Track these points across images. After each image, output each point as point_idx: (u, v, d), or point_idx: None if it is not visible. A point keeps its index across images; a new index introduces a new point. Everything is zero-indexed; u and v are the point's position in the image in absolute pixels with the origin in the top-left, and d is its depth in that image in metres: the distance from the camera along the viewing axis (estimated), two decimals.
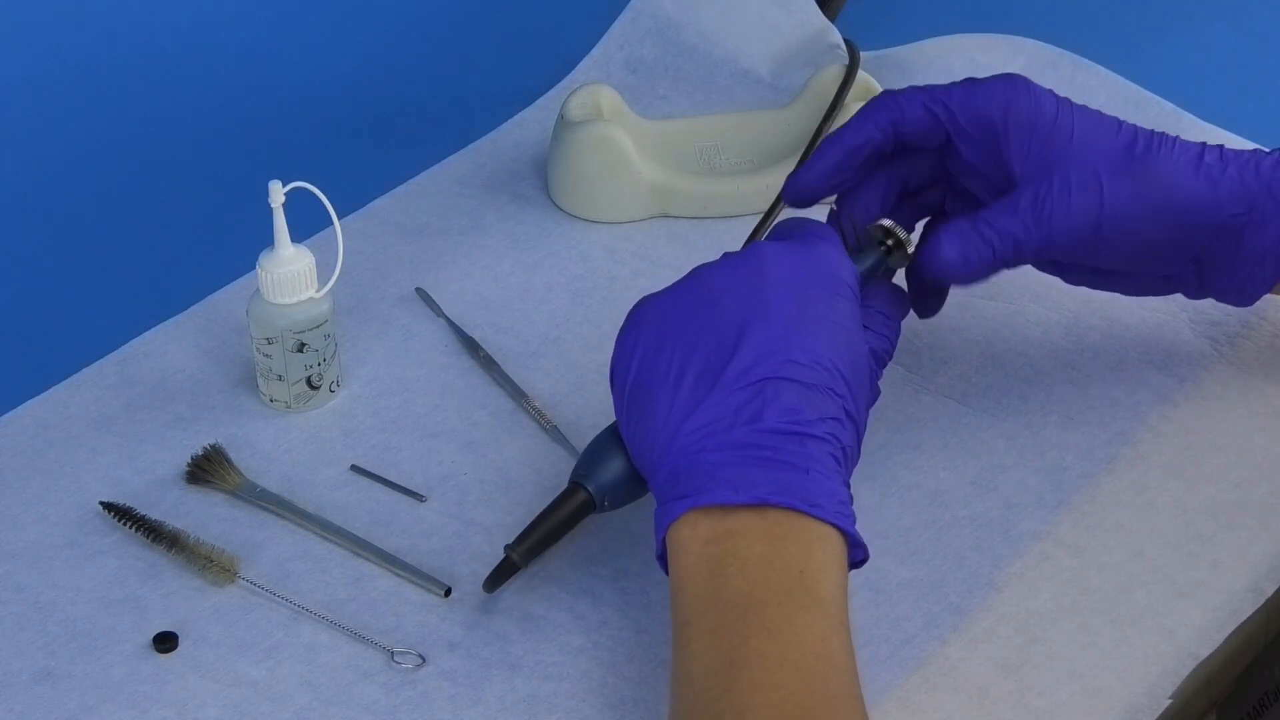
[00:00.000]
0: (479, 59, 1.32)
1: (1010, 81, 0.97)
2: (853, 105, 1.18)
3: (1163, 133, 0.97)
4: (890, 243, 0.95)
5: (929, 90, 0.97)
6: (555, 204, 1.20)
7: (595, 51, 1.31)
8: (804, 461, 0.84)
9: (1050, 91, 0.97)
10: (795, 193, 0.99)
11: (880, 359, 0.93)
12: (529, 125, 1.25)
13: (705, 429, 0.85)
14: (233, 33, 1.26)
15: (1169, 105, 1.24)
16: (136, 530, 0.96)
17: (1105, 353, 1.07)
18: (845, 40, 1.28)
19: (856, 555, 0.86)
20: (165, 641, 0.92)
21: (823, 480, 0.84)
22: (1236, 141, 1.16)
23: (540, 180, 1.22)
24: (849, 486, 0.86)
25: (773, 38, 1.31)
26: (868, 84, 1.20)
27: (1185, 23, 1.41)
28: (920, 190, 1.00)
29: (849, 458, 0.87)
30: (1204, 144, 0.97)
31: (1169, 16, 1.41)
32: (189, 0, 1.24)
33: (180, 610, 0.94)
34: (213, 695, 0.89)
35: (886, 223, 0.95)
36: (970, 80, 0.97)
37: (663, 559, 0.86)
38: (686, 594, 0.84)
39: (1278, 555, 0.96)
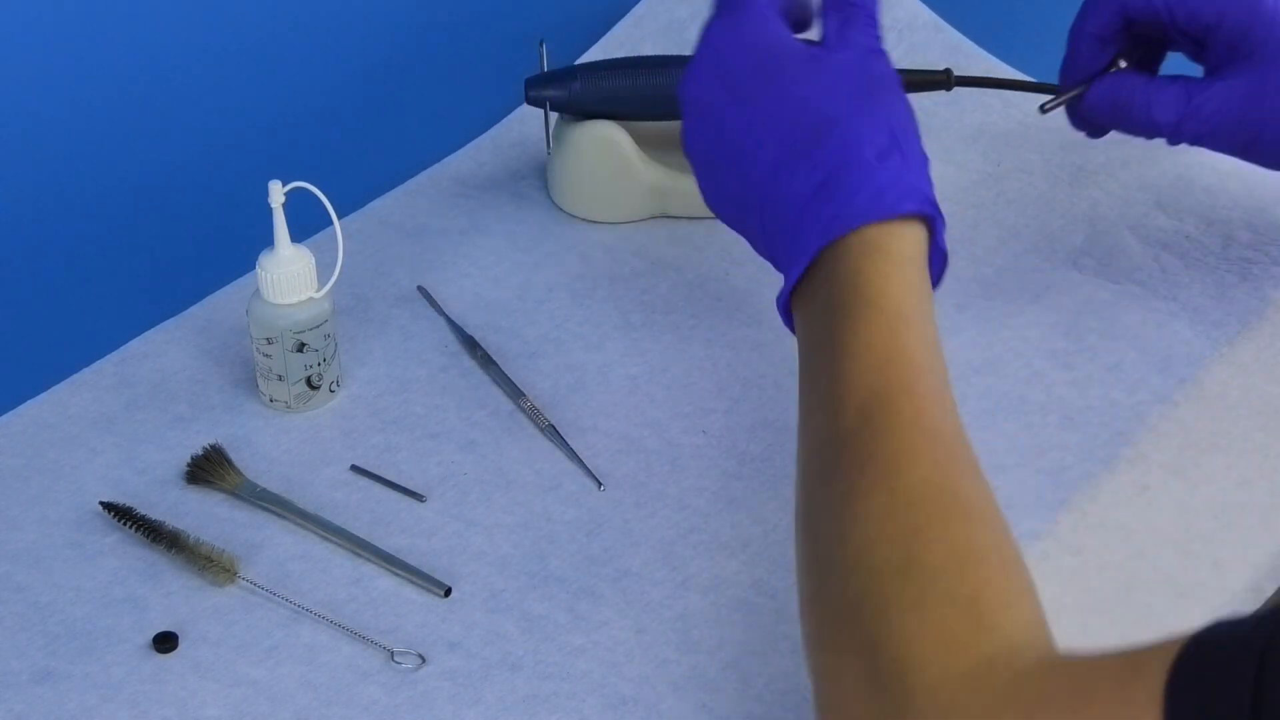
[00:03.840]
0: (479, 59, 1.32)
1: None
2: None
3: None
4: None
5: None
6: (555, 204, 1.20)
7: (596, 51, 1.31)
8: (834, 192, 0.88)
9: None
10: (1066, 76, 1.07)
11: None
12: (529, 125, 1.25)
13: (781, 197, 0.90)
14: (233, 33, 1.26)
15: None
16: (136, 530, 0.96)
17: (1105, 353, 1.07)
18: None
19: (935, 226, 0.89)
20: (165, 641, 0.92)
21: (855, 188, 0.88)
22: None
23: (540, 180, 1.22)
24: (903, 161, 0.89)
25: None
26: None
27: None
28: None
29: (887, 136, 0.90)
30: None
31: None
32: (189, 0, 1.24)
33: (180, 610, 0.94)
34: (213, 695, 0.90)
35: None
36: None
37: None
38: (799, 370, 0.88)
39: (1278, 555, 0.96)
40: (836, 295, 0.86)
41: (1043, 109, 1.09)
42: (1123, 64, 1.05)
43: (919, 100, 1.23)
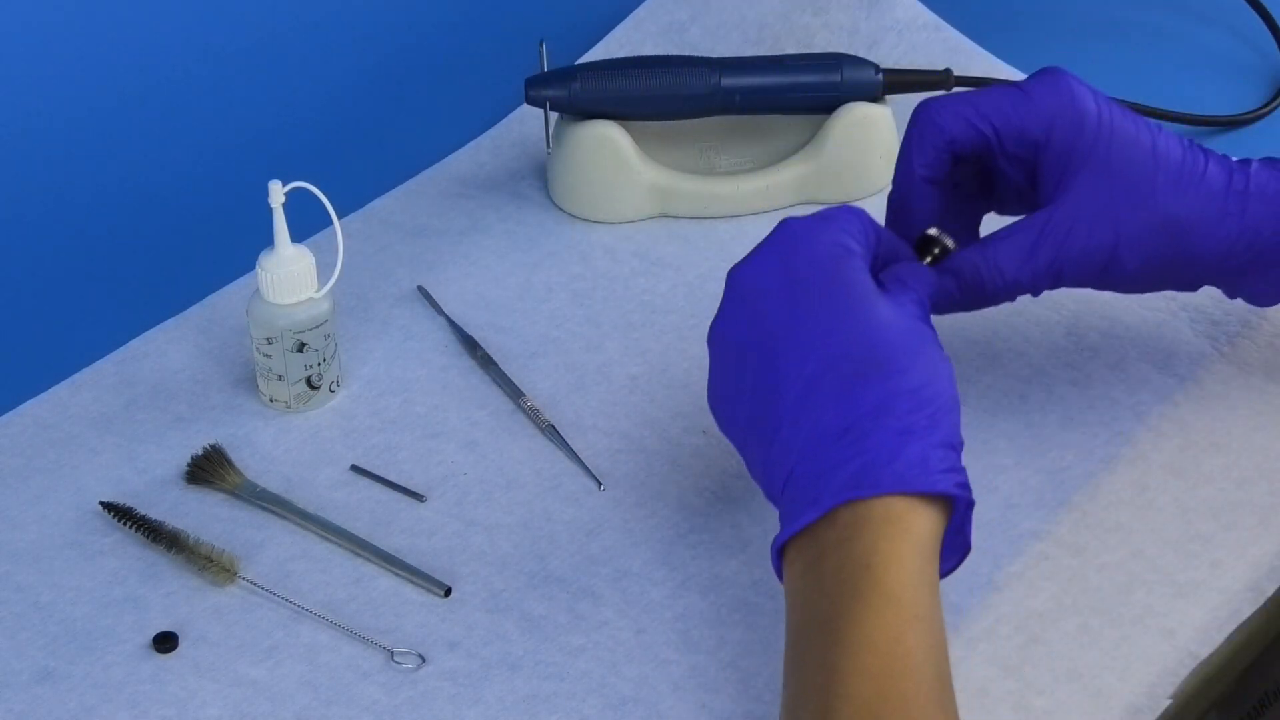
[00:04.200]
0: (479, 59, 1.32)
1: (1055, 90, 0.95)
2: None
3: (1197, 152, 0.96)
4: (936, 251, 0.94)
5: (975, 104, 0.95)
6: (555, 204, 1.20)
7: (596, 51, 1.31)
8: (864, 444, 0.82)
9: (1092, 95, 0.95)
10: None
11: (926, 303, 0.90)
12: (529, 125, 1.25)
13: (792, 448, 0.84)
14: (233, 33, 1.26)
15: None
16: (136, 530, 0.96)
17: (1105, 352, 1.07)
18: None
19: (958, 506, 0.83)
20: (165, 641, 0.92)
21: (889, 450, 0.81)
22: None
23: (540, 180, 1.22)
24: (943, 437, 0.82)
25: (775, 39, 1.31)
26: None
27: None
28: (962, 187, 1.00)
29: (932, 408, 0.83)
30: (1231, 171, 0.96)
31: None
32: (189, 0, 1.24)
33: (180, 610, 0.94)
34: (213, 695, 0.90)
35: (932, 232, 0.95)
36: (1015, 89, 0.96)
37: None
38: (787, 628, 0.82)
39: (1278, 555, 0.96)
40: (846, 570, 0.80)
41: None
42: (950, 244, 0.94)
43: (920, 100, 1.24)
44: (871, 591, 0.79)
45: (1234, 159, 0.98)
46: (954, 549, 0.84)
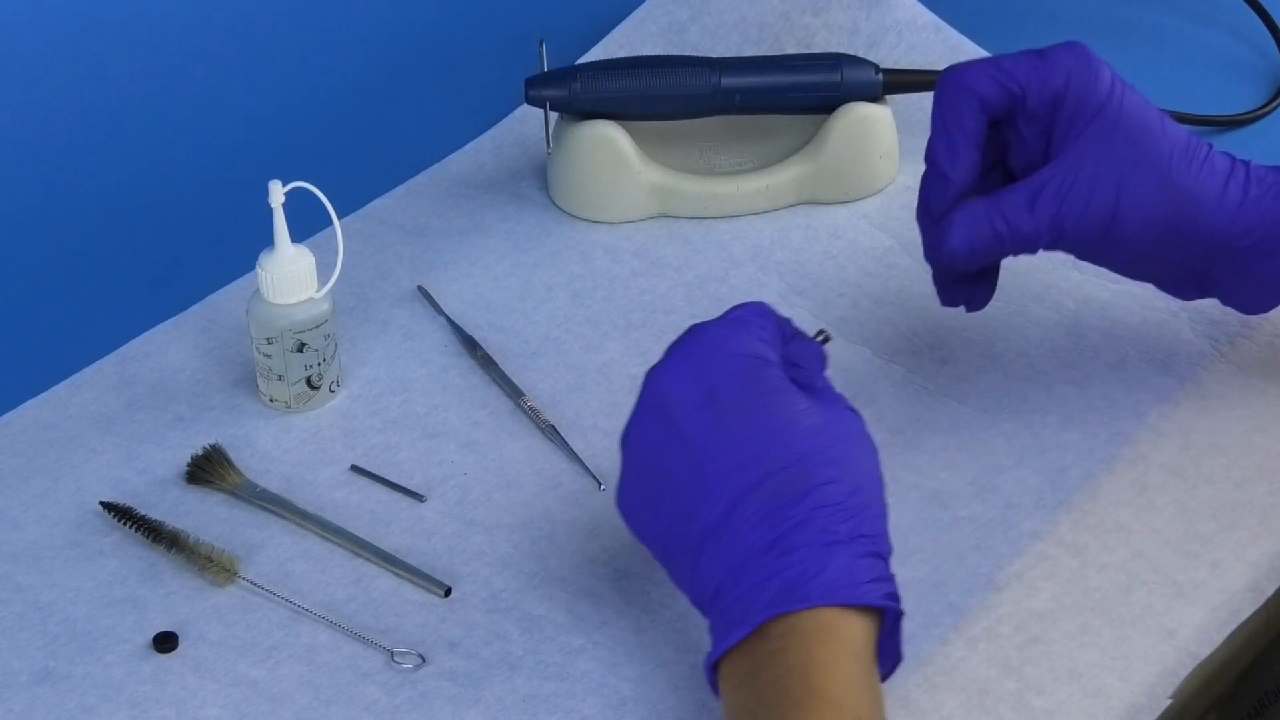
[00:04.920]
0: (479, 59, 1.32)
1: (1073, 52, 0.97)
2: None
3: (1201, 141, 0.98)
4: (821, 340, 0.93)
5: (997, 64, 0.97)
6: (555, 204, 1.20)
7: (596, 51, 1.31)
8: (790, 559, 0.80)
9: (1108, 66, 0.97)
10: (931, 202, 0.98)
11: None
12: (529, 125, 1.25)
13: (717, 565, 0.83)
14: (233, 33, 1.26)
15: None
16: (136, 530, 0.96)
17: (1105, 353, 1.07)
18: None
19: (888, 616, 0.82)
20: (165, 641, 0.92)
21: (815, 564, 0.80)
22: None
23: (540, 180, 1.22)
24: (869, 547, 0.82)
25: (775, 39, 1.31)
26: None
27: None
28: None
29: (857, 518, 0.82)
30: (1234, 161, 0.98)
31: None
32: (189, 1, 1.24)
33: (180, 610, 0.94)
34: (213, 695, 0.90)
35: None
36: (1035, 53, 0.97)
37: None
38: None
39: (1278, 555, 0.96)
40: (783, 680, 0.79)
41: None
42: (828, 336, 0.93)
43: (920, 100, 1.24)
44: (810, 698, 0.78)
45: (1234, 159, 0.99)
46: (886, 656, 0.83)
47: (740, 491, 0.82)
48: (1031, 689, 0.89)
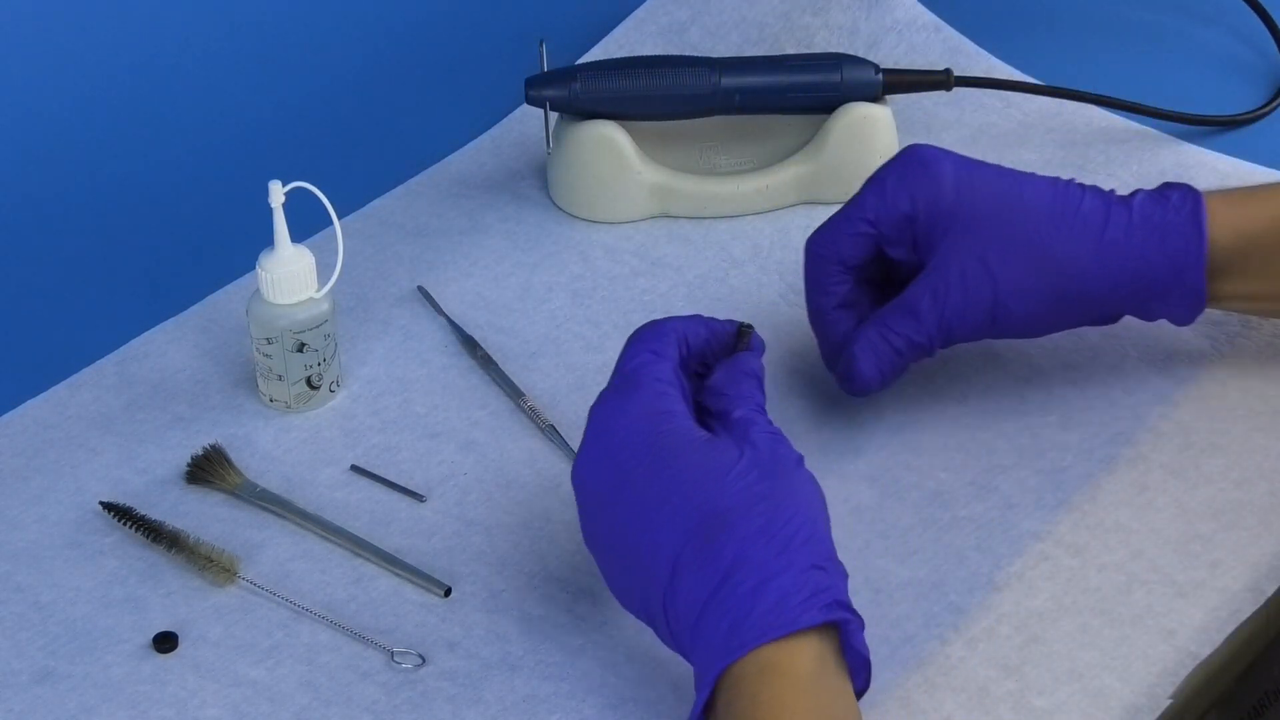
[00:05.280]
0: (479, 59, 1.32)
1: (909, 167, 0.99)
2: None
3: (1071, 191, 0.98)
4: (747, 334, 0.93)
5: (845, 217, 1.00)
6: (555, 204, 1.20)
7: (596, 51, 1.31)
8: (727, 606, 0.80)
9: (949, 160, 0.99)
10: (830, 366, 1.02)
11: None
12: (529, 125, 1.25)
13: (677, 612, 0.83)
14: (233, 33, 1.26)
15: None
16: (136, 530, 0.96)
17: (1105, 353, 1.07)
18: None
19: (848, 629, 0.81)
20: (165, 641, 0.92)
21: (748, 604, 0.80)
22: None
23: (540, 180, 1.22)
24: (804, 562, 0.81)
25: (775, 39, 1.31)
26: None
27: None
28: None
29: (782, 540, 0.81)
30: (1111, 201, 0.98)
31: None
32: (189, 0, 1.24)
33: (180, 610, 0.94)
34: (213, 695, 0.90)
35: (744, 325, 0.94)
36: (875, 182, 0.99)
37: None
38: None
39: (1278, 555, 0.96)
40: None
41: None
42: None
43: (920, 100, 1.24)
44: None
45: (1117, 194, 0.99)
46: (856, 667, 0.82)
47: (675, 552, 0.82)
48: (1031, 689, 0.89)
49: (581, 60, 1.29)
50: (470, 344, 1.09)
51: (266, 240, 1.01)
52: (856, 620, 0.82)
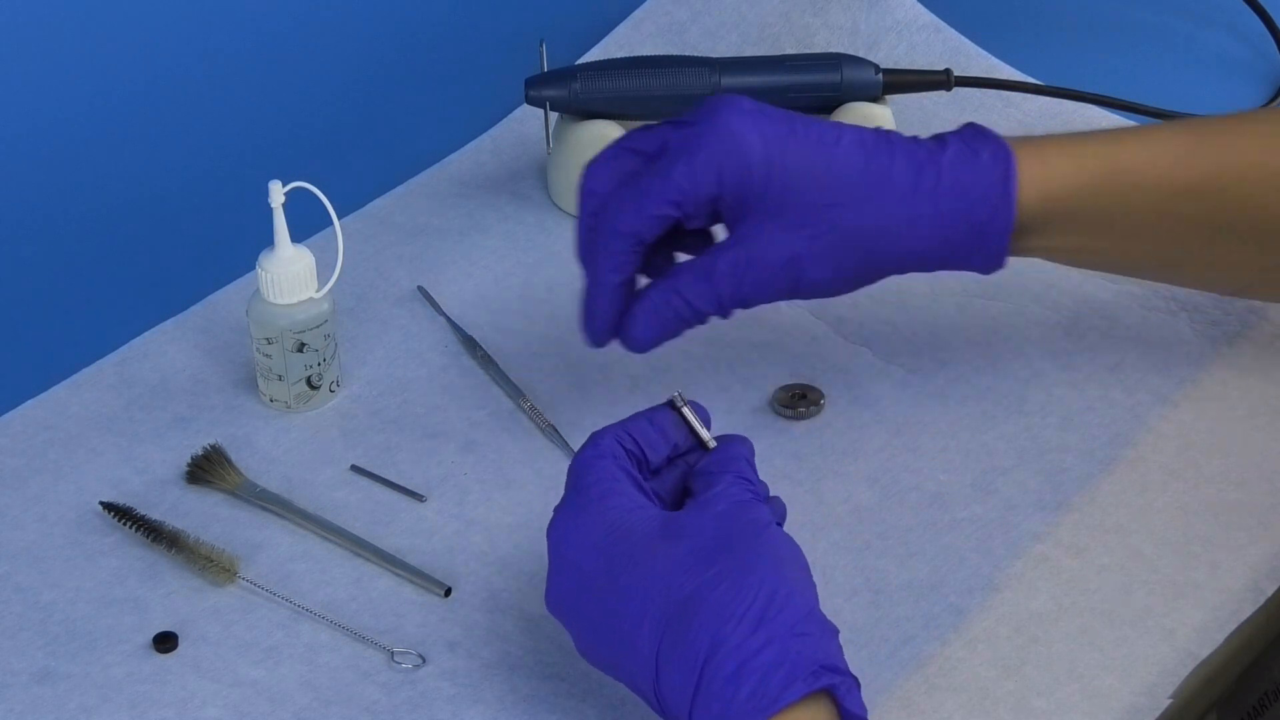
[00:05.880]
0: (479, 59, 1.32)
1: (722, 145, 0.93)
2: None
3: (883, 143, 0.95)
4: (684, 410, 0.90)
5: (652, 197, 0.94)
6: (555, 204, 1.20)
7: (596, 52, 1.31)
8: (711, 693, 0.79)
9: (757, 129, 0.93)
10: (596, 337, 0.98)
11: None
12: (529, 125, 1.25)
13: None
14: (233, 33, 1.26)
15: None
16: (136, 530, 0.96)
17: (1105, 353, 1.07)
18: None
19: (839, 693, 0.79)
20: (165, 641, 0.92)
21: (730, 690, 0.78)
22: None
23: (540, 180, 1.22)
24: (782, 633, 0.79)
25: (775, 39, 1.31)
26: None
27: None
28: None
29: (755, 613, 0.80)
30: (922, 162, 0.94)
31: None
32: (189, 1, 1.24)
33: (180, 610, 0.94)
34: (213, 695, 0.90)
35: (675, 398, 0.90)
36: (684, 161, 0.93)
37: None
38: None
39: (1278, 555, 0.96)
40: None
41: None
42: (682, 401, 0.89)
43: (920, 100, 1.24)
44: None
45: (931, 140, 0.95)
46: None
47: (654, 649, 0.81)
48: (1031, 690, 0.89)
49: (581, 60, 1.29)
50: (470, 344, 1.09)
51: (266, 240, 1.01)
52: (848, 680, 0.79)
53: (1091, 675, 0.90)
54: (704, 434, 0.89)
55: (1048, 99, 1.25)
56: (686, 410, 0.88)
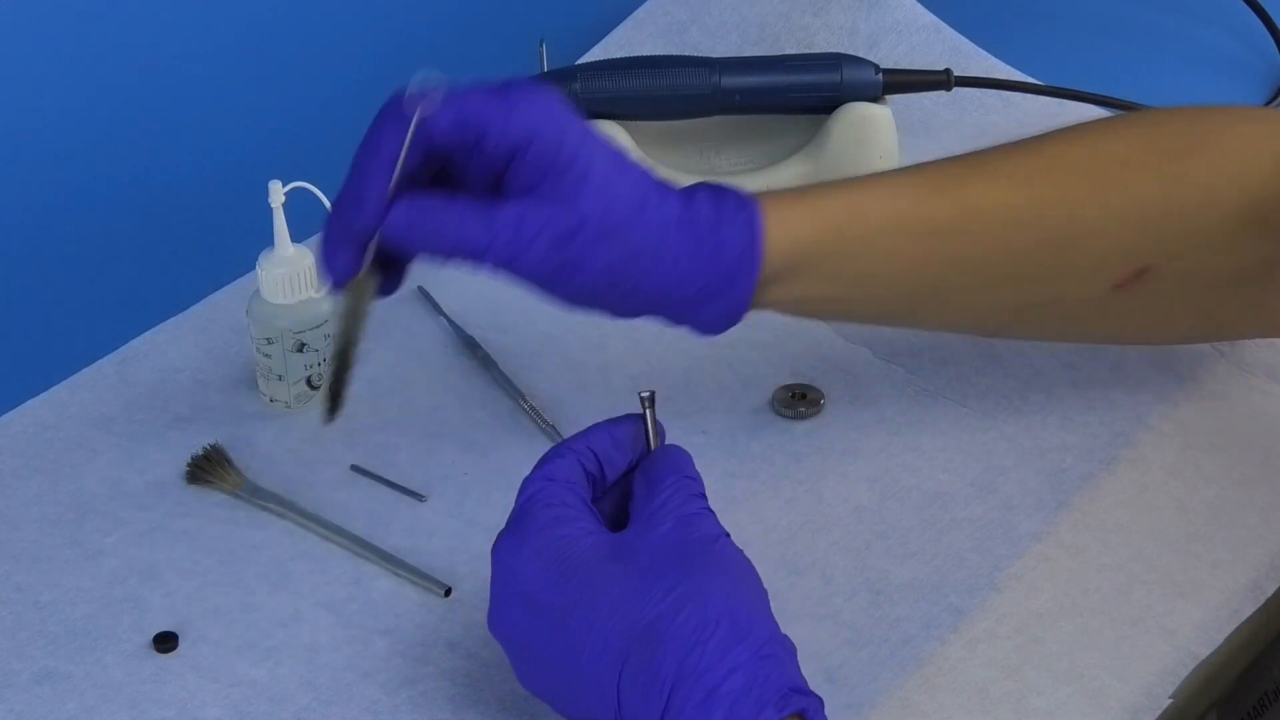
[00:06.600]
0: (480, 59, 1.32)
1: (540, 101, 0.89)
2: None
3: (664, 186, 0.91)
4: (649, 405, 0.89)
5: (458, 101, 0.88)
6: None
7: (596, 52, 1.31)
8: (684, 703, 0.78)
9: (578, 122, 0.89)
10: (349, 232, 0.90)
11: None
12: None
13: None
14: (233, 33, 1.26)
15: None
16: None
17: (1105, 353, 1.07)
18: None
19: (808, 714, 0.78)
20: (165, 641, 0.92)
21: (702, 690, 0.77)
22: None
23: None
24: (747, 656, 0.78)
25: (775, 39, 1.31)
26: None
27: None
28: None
29: (716, 639, 0.78)
30: (696, 195, 0.91)
31: None
32: (190, 1, 1.24)
33: (180, 610, 0.94)
34: (213, 695, 0.90)
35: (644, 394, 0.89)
36: (499, 92, 0.89)
37: None
38: None
39: (1278, 555, 0.96)
40: None
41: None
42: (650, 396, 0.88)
43: (920, 100, 1.24)
44: None
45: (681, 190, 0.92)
46: None
47: (614, 681, 0.79)
48: (1031, 690, 0.89)
49: (581, 60, 1.29)
50: (470, 344, 1.09)
51: (266, 240, 1.01)
52: (814, 700, 0.79)
53: (1091, 675, 0.90)
54: (654, 441, 0.87)
55: (1047, 99, 1.25)
56: (649, 413, 0.87)
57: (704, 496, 0.85)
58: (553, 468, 0.85)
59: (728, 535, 0.84)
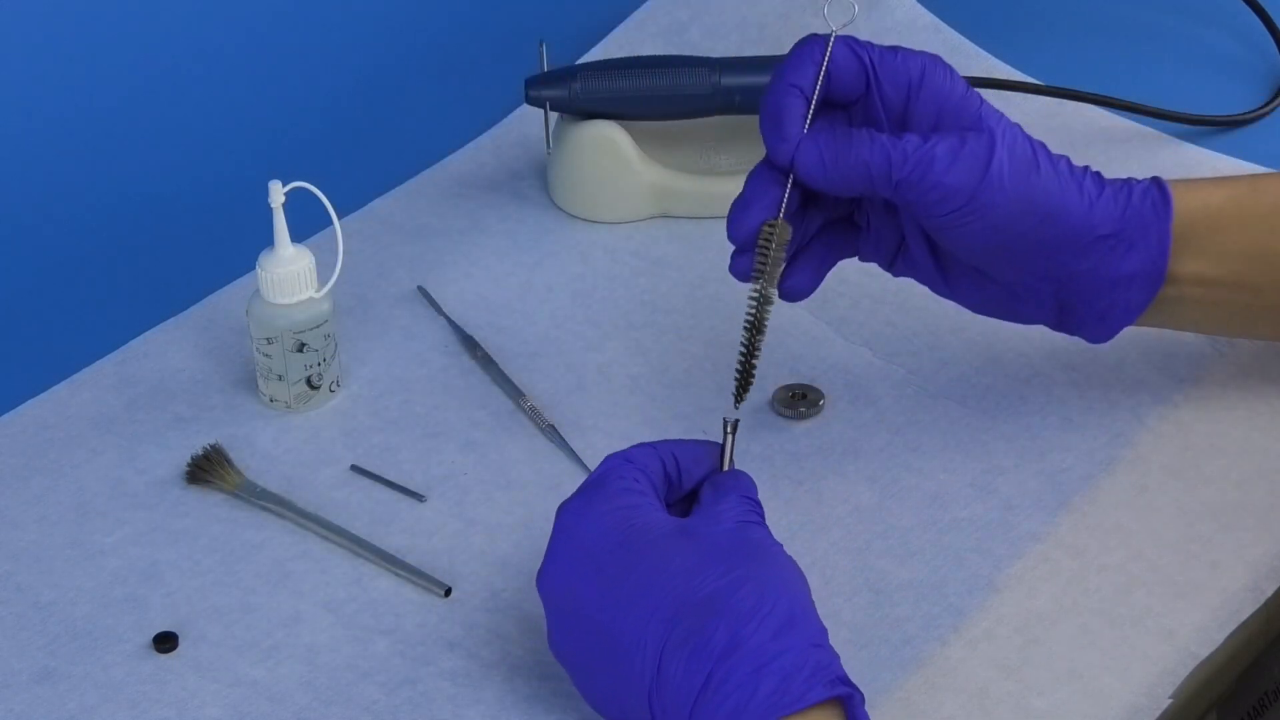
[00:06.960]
0: (479, 59, 1.32)
1: (932, 56, 0.95)
2: None
3: (1052, 153, 0.96)
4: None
5: (853, 38, 0.95)
6: (555, 204, 1.20)
7: (596, 52, 1.31)
8: (726, 689, 0.79)
9: (964, 81, 0.95)
10: (782, 152, 0.94)
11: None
12: (529, 125, 1.25)
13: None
14: (233, 33, 1.26)
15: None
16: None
17: (1105, 353, 1.07)
18: None
19: (851, 704, 0.80)
20: (165, 641, 0.92)
21: (750, 688, 0.79)
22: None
23: (540, 180, 1.22)
24: (799, 642, 0.80)
25: (775, 39, 1.31)
26: None
27: None
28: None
29: (775, 621, 0.80)
30: (1085, 168, 0.96)
31: None
32: (190, 1, 1.24)
33: (180, 610, 0.94)
34: (213, 695, 0.90)
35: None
36: (894, 46, 0.96)
37: None
38: None
39: (1278, 555, 0.96)
40: None
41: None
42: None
43: None
44: None
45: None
46: None
47: (660, 643, 0.81)
48: (1031, 690, 0.89)
49: (581, 60, 1.29)
50: (470, 344, 1.09)
51: (266, 240, 1.01)
52: (858, 695, 0.80)
53: (1091, 675, 0.90)
54: (727, 465, 0.90)
55: (1047, 99, 1.25)
56: (731, 438, 0.90)
57: (764, 521, 0.87)
58: (635, 452, 0.87)
59: (778, 544, 0.85)
